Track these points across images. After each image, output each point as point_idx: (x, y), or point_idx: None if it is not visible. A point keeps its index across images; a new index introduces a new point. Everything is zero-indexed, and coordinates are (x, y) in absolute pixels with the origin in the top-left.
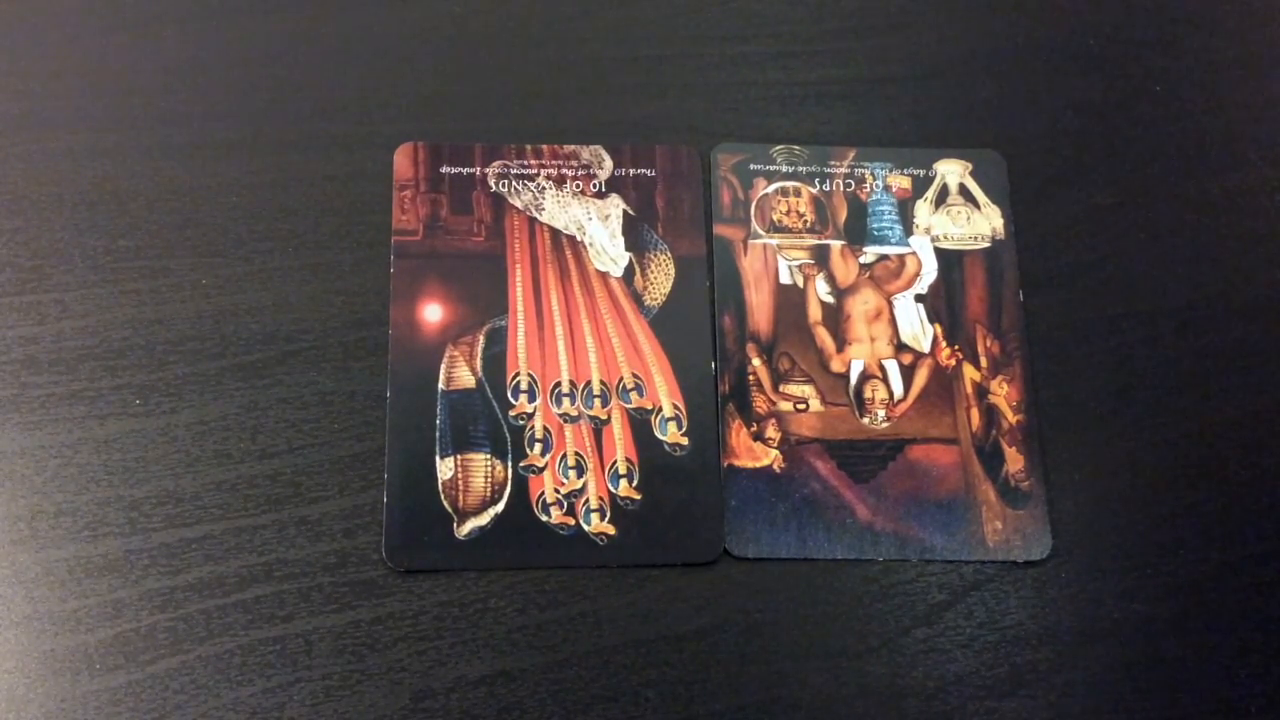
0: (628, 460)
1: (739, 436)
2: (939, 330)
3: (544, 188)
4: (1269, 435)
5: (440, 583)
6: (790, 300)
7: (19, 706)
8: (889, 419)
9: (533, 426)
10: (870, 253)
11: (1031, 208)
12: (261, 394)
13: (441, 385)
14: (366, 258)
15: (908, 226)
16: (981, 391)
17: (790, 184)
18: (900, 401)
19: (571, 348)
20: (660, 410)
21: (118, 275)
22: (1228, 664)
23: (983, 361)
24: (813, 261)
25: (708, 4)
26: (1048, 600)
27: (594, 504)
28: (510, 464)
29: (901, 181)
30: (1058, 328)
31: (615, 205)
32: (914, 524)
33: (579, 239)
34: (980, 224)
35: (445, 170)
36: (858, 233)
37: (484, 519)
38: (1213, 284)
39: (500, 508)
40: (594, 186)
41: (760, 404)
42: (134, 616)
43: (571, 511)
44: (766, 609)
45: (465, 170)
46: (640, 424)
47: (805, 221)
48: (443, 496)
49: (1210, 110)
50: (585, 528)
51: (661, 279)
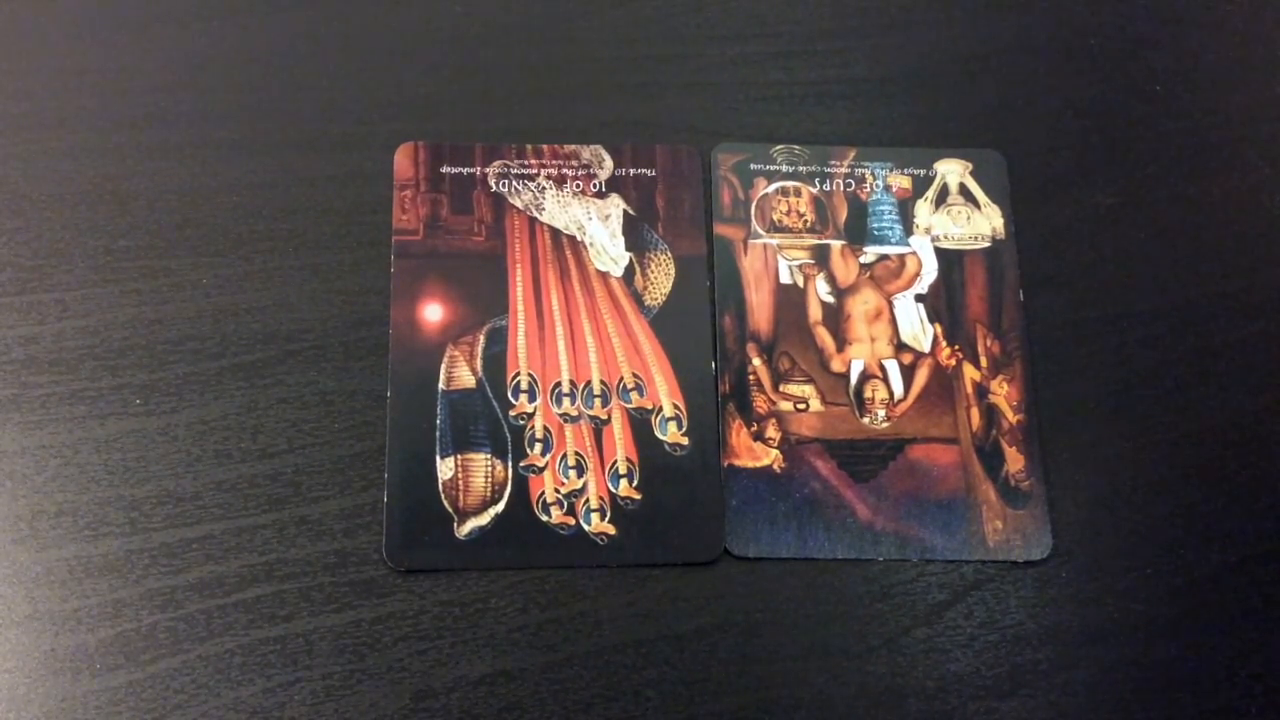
0: (628, 460)
1: (739, 436)
2: (939, 330)
3: (544, 188)
4: (1269, 435)
5: (440, 583)
6: (790, 300)
7: (19, 706)
8: (889, 419)
9: (533, 426)
10: (870, 252)
11: (1032, 208)
12: (261, 394)
13: (442, 385)
14: (366, 258)
15: (908, 226)
16: (982, 391)
17: (790, 184)
18: (900, 401)
19: (572, 347)
20: (660, 410)
21: (118, 275)
22: (1228, 664)
23: (983, 361)
24: (813, 261)
25: (708, 4)
26: (1048, 600)
27: (594, 504)
28: (510, 464)
29: (902, 181)
30: (1058, 328)
31: (615, 205)
32: (914, 524)
33: (579, 239)
34: (980, 224)
35: (445, 170)
36: (858, 232)
37: (484, 519)
38: (1213, 284)
39: (500, 507)
40: (594, 186)
41: (760, 404)
42: (134, 616)
43: (572, 511)
44: (766, 609)
45: (465, 170)
46: (640, 424)
47: (805, 221)
48: (443, 496)
49: (1210, 110)
50: (585, 528)
51: (662, 279)
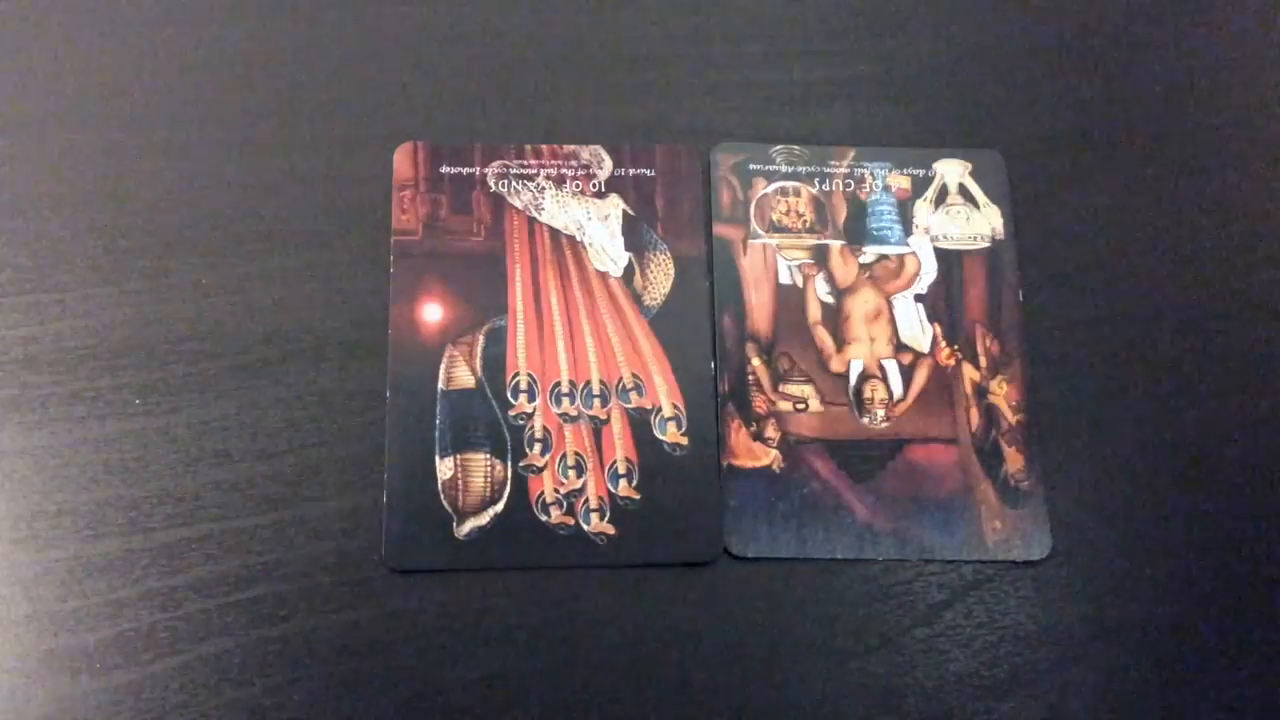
0: (627, 460)
1: (739, 436)
2: (938, 330)
3: (544, 188)
4: (1269, 435)
5: (440, 582)
6: (790, 300)
7: (19, 706)
8: (888, 419)
9: (532, 426)
10: (870, 252)
11: (1031, 208)
12: (261, 394)
13: (441, 385)
14: (366, 258)
15: (907, 226)
16: (981, 391)
17: (790, 184)
18: (900, 401)
19: (571, 348)
20: (660, 410)
21: (118, 275)
22: (1228, 664)
23: (982, 361)
24: (812, 261)
25: (708, 4)
26: (1047, 600)
27: (593, 504)
28: (510, 464)
29: (901, 181)
30: (1057, 328)
31: (615, 205)
32: (913, 524)
33: (579, 239)
34: (980, 224)
35: (445, 170)
36: (857, 233)
37: (484, 519)
38: (1213, 284)
39: (500, 507)
40: (594, 186)
41: (760, 404)
42: (134, 616)
43: (571, 511)
44: (766, 609)
45: (465, 170)
46: (640, 424)
47: (805, 221)
48: (442, 496)
49: (1210, 110)
50: (585, 527)
51: (661, 279)
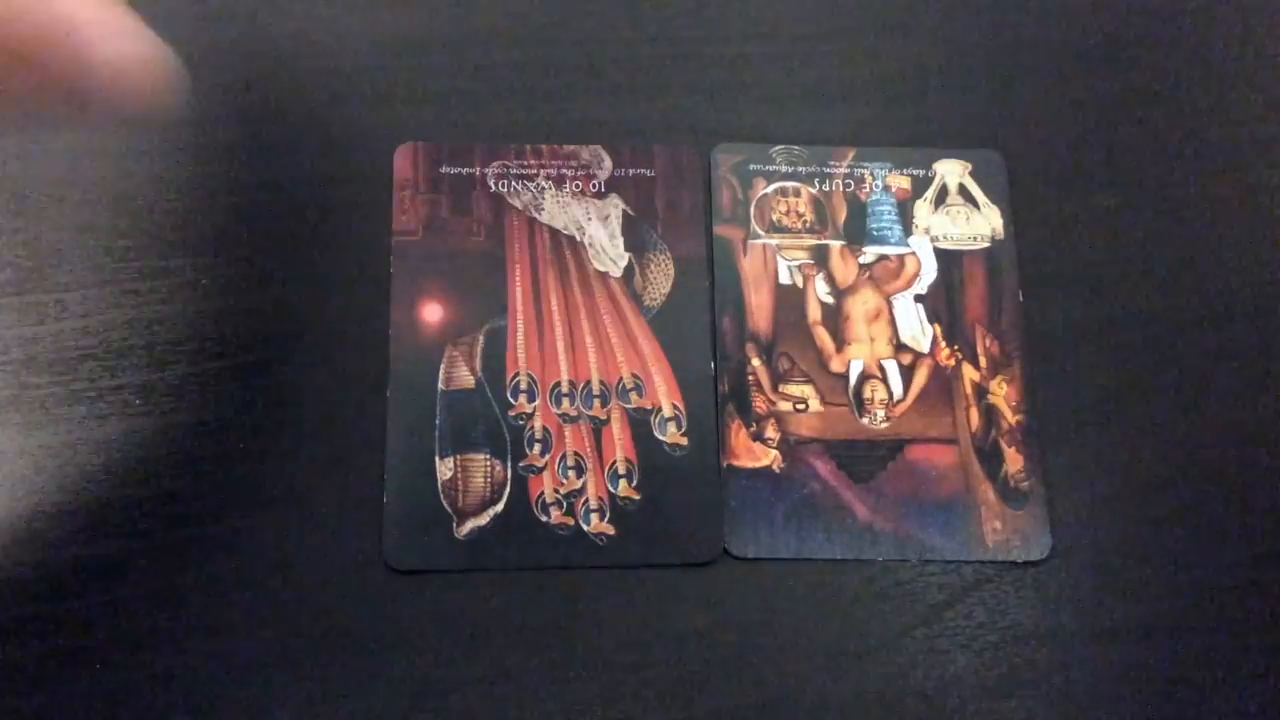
0: (627, 460)
1: (738, 436)
2: (938, 330)
3: (543, 188)
4: (1269, 435)
5: (440, 582)
6: (790, 300)
7: (19, 707)
8: (888, 419)
9: (532, 427)
10: (870, 253)
11: (1031, 208)
12: (261, 394)
13: (441, 385)
14: (366, 258)
15: (907, 227)
16: (981, 391)
17: (790, 184)
18: (899, 402)
19: (571, 348)
20: (660, 410)
21: (118, 275)
22: (1228, 664)
23: (982, 362)
24: (812, 261)
25: (708, 4)
26: (1047, 600)
27: (593, 504)
28: (510, 464)
29: (901, 182)
30: (1057, 328)
31: (615, 205)
32: (913, 524)
33: (578, 239)
34: (980, 224)
35: (445, 170)
36: (857, 233)
37: (483, 519)
38: (1213, 284)
39: (500, 508)
40: (594, 187)
41: (760, 404)
42: (134, 616)
43: (571, 511)
44: (766, 609)
45: (465, 170)
46: (639, 424)
47: (805, 222)
48: (442, 497)
49: (1210, 110)
50: (585, 528)
51: (661, 279)
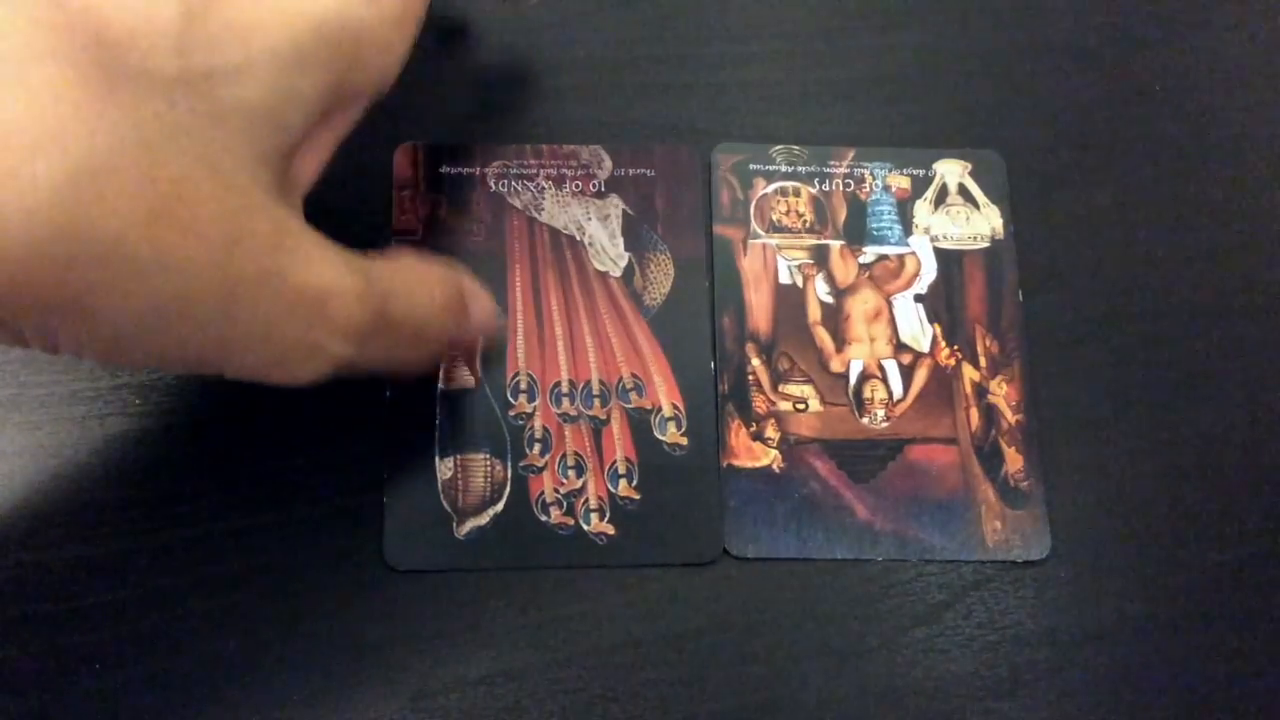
0: (627, 460)
1: (738, 436)
2: (938, 330)
3: (543, 188)
4: (1269, 435)
5: (440, 582)
6: (790, 300)
7: (19, 706)
8: (888, 419)
9: (532, 426)
10: (870, 253)
11: (1031, 208)
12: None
13: (441, 385)
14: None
15: (907, 226)
16: (981, 391)
17: (790, 184)
18: (899, 401)
19: (571, 348)
20: (660, 410)
21: None
22: (1228, 664)
23: (982, 361)
24: (812, 261)
25: (708, 4)
26: (1047, 600)
27: (593, 504)
28: (510, 464)
29: (901, 181)
30: (1057, 328)
31: (615, 205)
32: (913, 524)
33: (578, 239)
34: (980, 224)
35: (445, 170)
36: (857, 233)
37: (484, 519)
38: (1213, 284)
39: (500, 508)
40: (594, 186)
41: (759, 404)
42: (134, 616)
43: (571, 511)
44: (766, 609)
45: (465, 170)
46: (639, 424)
47: (804, 221)
48: (442, 497)
49: (1210, 110)
50: (585, 527)
51: (661, 279)
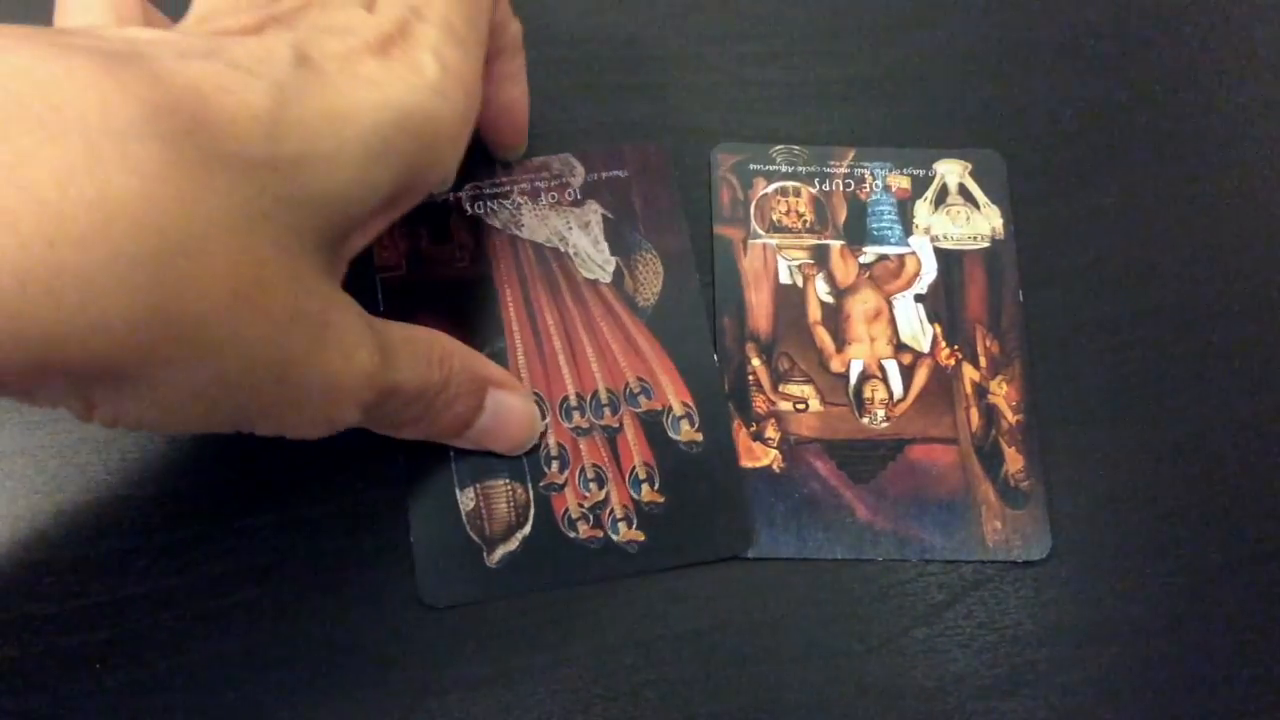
0: (646, 464)
1: (739, 436)
2: (938, 330)
3: (519, 203)
4: (1269, 435)
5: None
6: (790, 300)
7: (18, 706)
8: (888, 419)
9: (547, 445)
10: (870, 253)
11: (1031, 207)
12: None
13: None
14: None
15: (907, 226)
16: (981, 391)
17: (790, 184)
18: (900, 401)
19: (573, 360)
20: (670, 410)
21: None
22: (1228, 664)
23: (982, 361)
24: (812, 261)
25: (708, 4)
26: (1047, 600)
27: (619, 513)
28: (530, 485)
29: (901, 181)
30: (1057, 328)
31: (594, 211)
32: (914, 524)
33: (563, 250)
34: (980, 224)
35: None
36: (857, 233)
37: (513, 544)
38: (1213, 284)
39: (527, 530)
40: (569, 195)
41: (760, 404)
42: (134, 616)
43: (598, 524)
44: (766, 609)
45: (439, 197)
46: (652, 426)
47: (805, 221)
48: (469, 527)
49: (1210, 110)
50: (614, 538)
51: (651, 278)
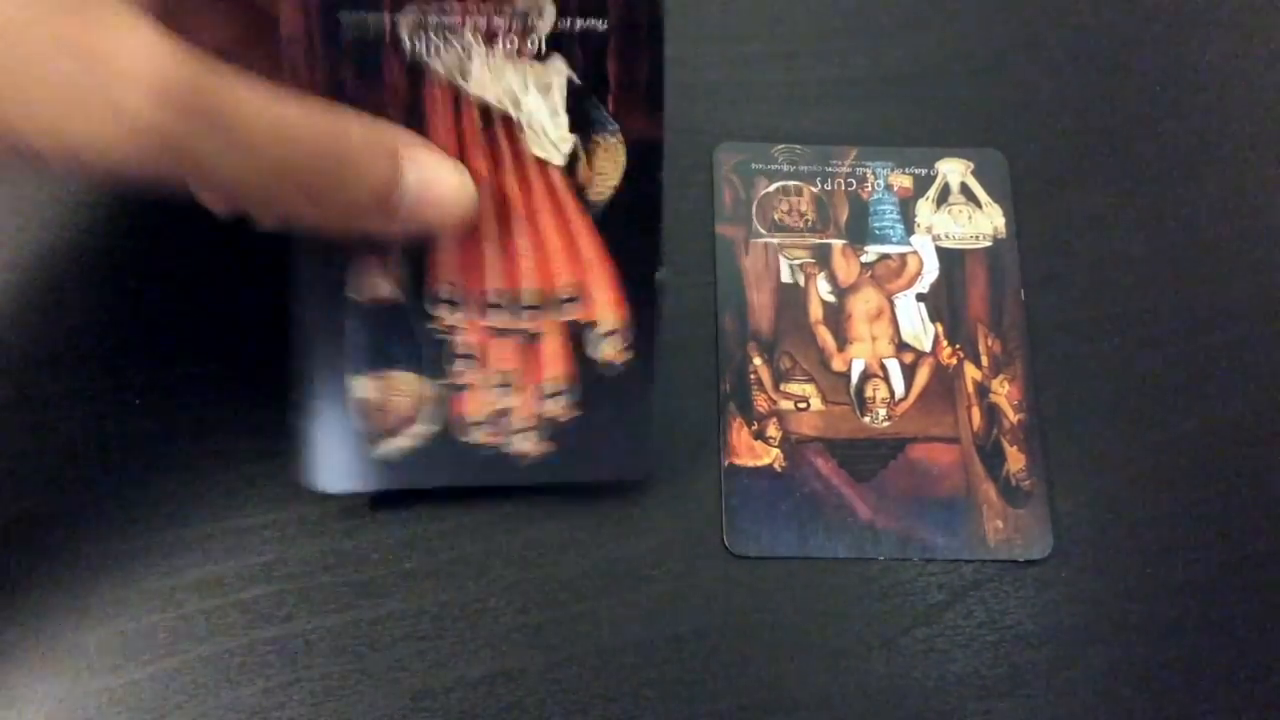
0: (562, 377)
1: (740, 435)
2: (940, 329)
3: (470, 46)
4: (1269, 435)
5: (440, 582)
6: (791, 299)
7: (19, 706)
8: (890, 418)
9: (456, 341)
10: (872, 252)
11: (1033, 207)
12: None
13: (351, 294)
14: None
15: (909, 226)
16: (983, 390)
17: (792, 183)
18: (901, 400)
19: (502, 251)
20: (599, 324)
21: (118, 276)
22: (1228, 664)
23: (984, 360)
24: (814, 260)
25: (708, 4)
26: (1048, 600)
27: (521, 424)
28: (432, 381)
29: (903, 181)
30: (1059, 327)
31: (558, 72)
32: (915, 523)
33: (514, 115)
34: (982, 223)
35: (345, 17)
36: (859, 232)
37: (405, 439)
38: (1212, 284)
39: (422, 427)
40: (531, 44)
41: (761, 403)
42: (134, 616)
43: (499, 431)
44: (766, 609)
45: (370, 18)
46: (575, 338)
47: (806, 221)
48: (360, 417)
49: (1210, 110)
50: (512, 448)
51: (610, 168)
